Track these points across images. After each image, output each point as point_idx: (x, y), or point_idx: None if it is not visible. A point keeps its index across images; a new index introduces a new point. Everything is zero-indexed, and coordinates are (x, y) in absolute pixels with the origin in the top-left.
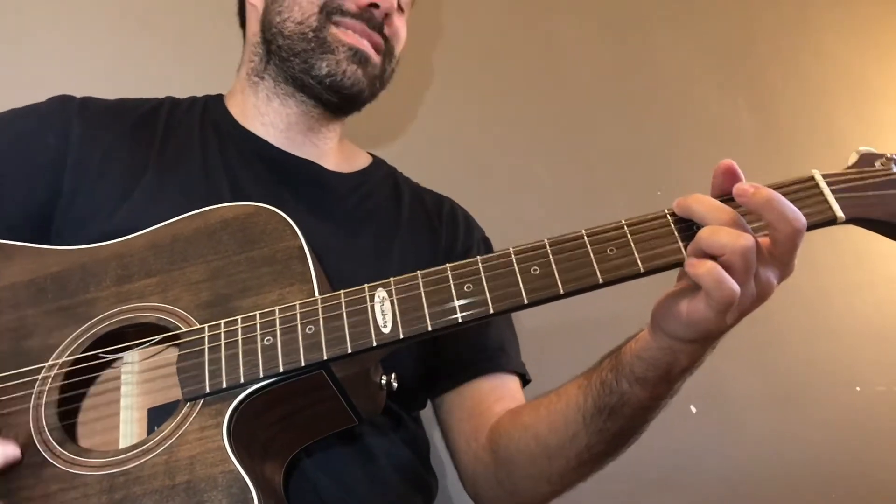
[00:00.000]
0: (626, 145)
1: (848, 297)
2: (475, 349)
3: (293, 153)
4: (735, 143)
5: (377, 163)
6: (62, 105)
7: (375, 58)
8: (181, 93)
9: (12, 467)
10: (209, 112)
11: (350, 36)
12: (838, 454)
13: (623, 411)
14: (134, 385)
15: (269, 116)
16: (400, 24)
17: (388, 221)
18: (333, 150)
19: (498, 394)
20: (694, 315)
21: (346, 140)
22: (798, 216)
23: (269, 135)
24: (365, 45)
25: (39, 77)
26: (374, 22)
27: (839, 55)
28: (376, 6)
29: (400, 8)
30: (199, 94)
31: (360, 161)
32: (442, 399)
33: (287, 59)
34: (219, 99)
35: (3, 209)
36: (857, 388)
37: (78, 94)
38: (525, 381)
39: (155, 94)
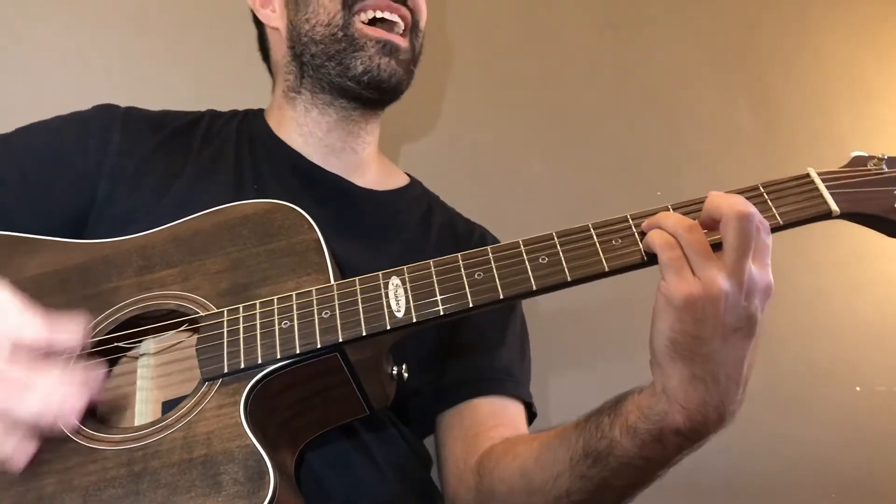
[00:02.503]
0: (626, 145)
1: (848, 297)
2: (481, 368)
3: (327, 167)
4: (735, 143)
5: (413, 184)
6: (105, 114)
7: (404, 43)
8: (190, 97)
9: None
10: (247, 123)
11: (374, 30)
12: (838, 454)
13: (608, 461)
14: (149, 378)
15: (307, 126)
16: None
17: (414, 241)
18: (371, 160)
19: (497, 419)
20: (659, 308)
21: (385, 158)
22: (739, 201)
23: (307, 145)
24: (390, 35)
25: (39, 76)
26: None
27: (839, 55)
28: None
29: None
30: (206, 97)
31: (397, 181)
32: (440, 418)
33: (322, 66)
34: (259, 113)
35: (46, 213)
36: (857, 388)
37: (79, 96)
38: (531, 412)
39: (158, 96)
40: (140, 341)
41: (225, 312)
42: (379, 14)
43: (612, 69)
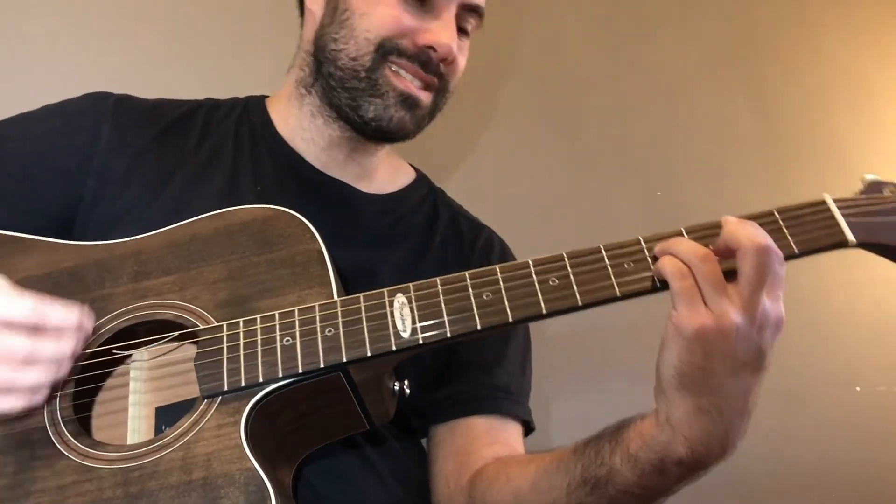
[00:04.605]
0: (626, 145)
1: (848, 297)
2: (478, 385)
3: (329, 173)
4: (735, 143)
5: (418, 181)
6: (95, 104)
7: (426, 99)
8: (191, 90)
9: None
10: (248, 116)
11: (401, 80)
12: (838, 454)
13: (607, 489)
14: (143, 382)
15: (311, 133)
16: (461, 58)
17: (417, 246)
18: (378, 166)
19: (492, 437)
20: (668, 337)
21: (393, 153)
22: (758, 233)
23: (308, 150)
24: (414, 90)
25: (39, 76)
26: (431, 64)
27: (839, 55)
28: (434, 49)
29: (464, 33)
30: (208, 90)
31: (402, 178)
32: (433, 431)
33: (335, 89)
34: (261, 102)
35: (27, 212)
36: (857, 388)
37: (78, 85)
38: (529, 428)
39: (158, 92)
40: (134, 351)
41: (224, 326)
42: (409, 78)
43: (612, 69)
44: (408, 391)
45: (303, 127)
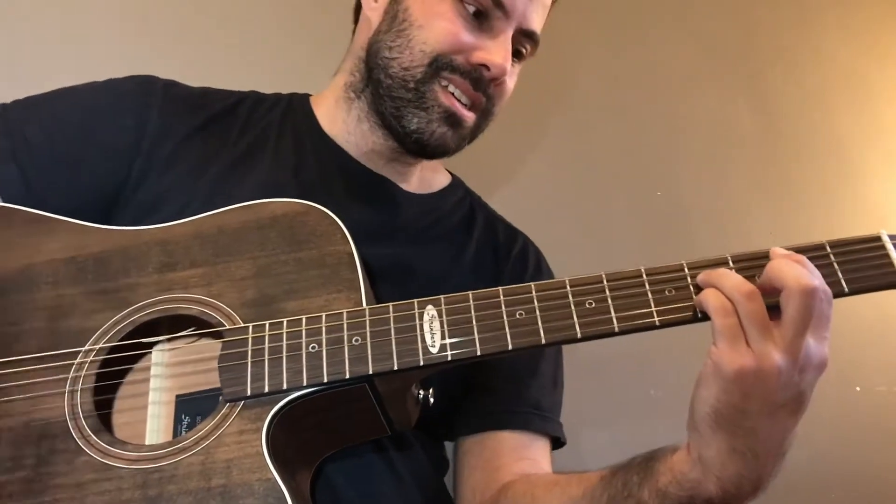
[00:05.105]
0: (626, 145)
1: (848, 297)
2: (508, 400)
3: (371, 168)
4: (735, 143)
5: (455, 184)
6: (144, 87)
7: (469, 119)
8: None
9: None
10: (292, 112)
11: (448, 97)
12: (838, 454)
13: None
14: (164, 378)
15: (355, 136)
16: (510, 82)
17: (454, 248)
18: (414, 175)
19: (520, 454)
20: (706, 375)
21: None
22: (804, 273)
23: (350, 150)
24: (460, 108)
25: (39, 76)
26: (482, 82)
27: (839, 55)
28: (487, 68)
29: (517, 58)
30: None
31: (439, 181)
32: (461, 441)
33: (382, 97)
34: (305, 100)
35: (74, 191)
36: (857, 388)
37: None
38: (559, 442)
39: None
40: (156, 344)
41: (250, 329)
42: (457, 94)
43: (612, 69)
44: (432, 400)
45: (349, 130)
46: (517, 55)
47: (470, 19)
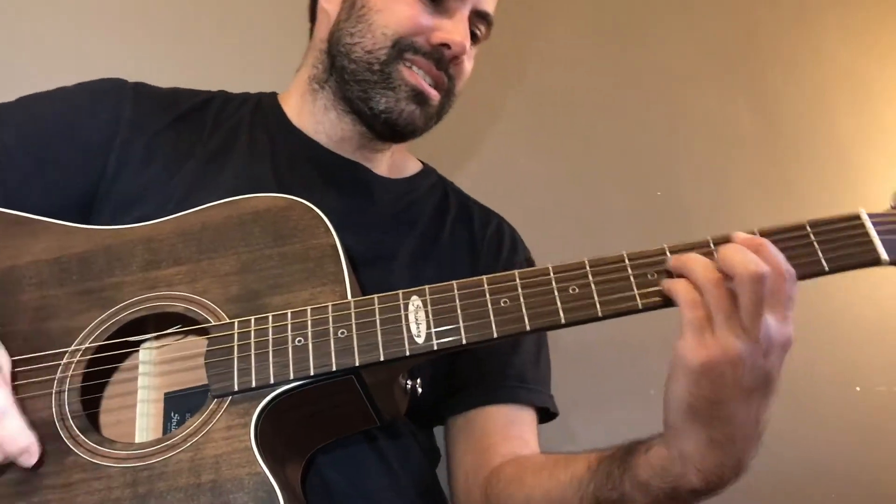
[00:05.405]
0: (627, 145)
1: (848, 296)
2: (492, 375)
3: (343, 155)
4: (735, 143)
5: (426, 171)
6: (116, 86)
7: (435, 98)
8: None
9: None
10: (262, 109)
11: (413, 75)
12: (838, 454)
13: None
14: (151, 377)
15: (323, 125)
16: (468, 62)
17: (429, 233)
18: (384, 160)
19: (507, 432)
20: (675, 371)
21: (400, 147)
22: (751, 259)
23: (320, 141)
24: (426, 87)
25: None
26: (443, 61)
27: (839, 55)
28: (448, 47)
29: (473, 39)
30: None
31: (410, 167)
32: (451, 422)
33: (348, 83)
34: (272, 97)
35: (53, 190)
36: (857, 388)
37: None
38: (550, 414)
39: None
40: (142, 343)
41: (236, 324)
42: (421, 74)
43: (613, 69)
44: (420, 390)
45: (317, 121)
46: (473, 38)
47: (427, 2)
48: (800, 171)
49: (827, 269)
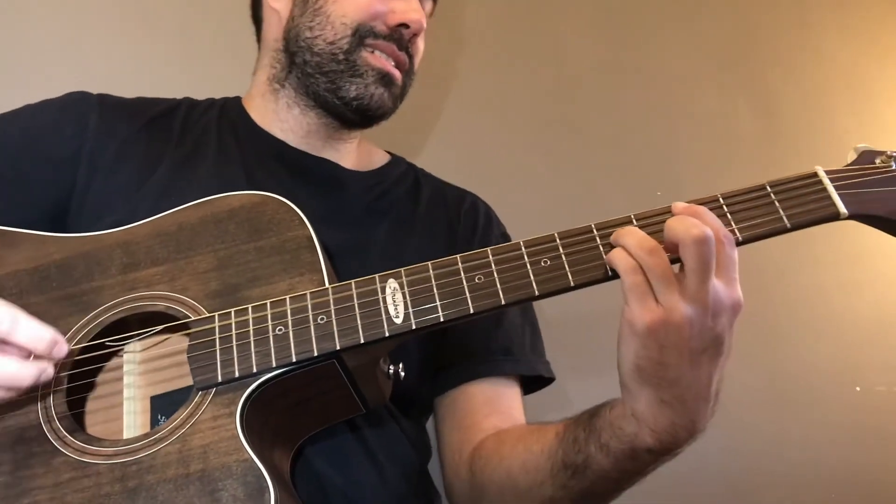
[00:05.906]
0: (627, 145)
1: (848, 297)
2: (476, 351)
3: (311, 153)
4: (735, 143)
5: (395, 161)
6: (80, 99)
7: (398, 78)
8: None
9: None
10: (227, 113)
11: (378, 59)
12: (838, 454)
13: (586, 474)
14: (137, 376)
15: (288, 123)
16: (421, 41)
17: (404, 219)
18: (353, 149)
19: (491, 407)
20: (623, 334)
21: (364, 139)
22: (692, 224)
23: (287, 139)
24: (390, 68)
25: (39, 76)
26: (403, 42)
27: (839, 55)
28: (406, 27)
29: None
30: (201, 92)
31: (378, 159)
32: (438, 403)
33: (312, 76)
34: (237, 101)
35: (21, 205)
36: (857, 388)
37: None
38: (545, 380)
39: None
40: (126, 343)
41: (216, 317)
42: (384, 57)
43: (613, 69)
44: (402, 374)
45: (280, 119)
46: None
47: None
48: (800, 170)
49: (789, 225)
